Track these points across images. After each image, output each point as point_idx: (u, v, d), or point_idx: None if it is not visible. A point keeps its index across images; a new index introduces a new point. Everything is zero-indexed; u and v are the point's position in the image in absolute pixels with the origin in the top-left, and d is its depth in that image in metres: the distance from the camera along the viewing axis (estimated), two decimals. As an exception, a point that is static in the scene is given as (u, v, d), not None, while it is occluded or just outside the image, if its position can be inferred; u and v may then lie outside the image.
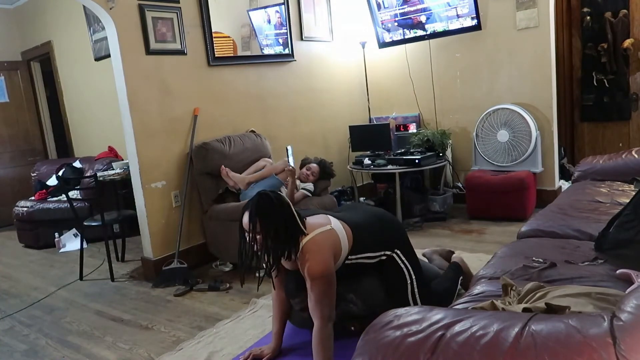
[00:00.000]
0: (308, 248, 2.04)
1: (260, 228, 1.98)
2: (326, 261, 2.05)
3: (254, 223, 1.97)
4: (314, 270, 2.01)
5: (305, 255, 2.04)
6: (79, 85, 5.67)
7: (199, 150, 3.66)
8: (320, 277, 2.01)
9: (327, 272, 2.03)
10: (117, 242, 4.21)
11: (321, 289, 2.02)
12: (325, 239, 2.09)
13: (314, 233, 2.09)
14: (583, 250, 1.97)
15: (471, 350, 0.99)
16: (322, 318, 2.03)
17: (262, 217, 1.98)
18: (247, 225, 2.00)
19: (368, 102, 5.17)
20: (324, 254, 2.06)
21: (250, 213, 1.98)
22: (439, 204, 4.40)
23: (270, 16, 4.43)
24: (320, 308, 2.02)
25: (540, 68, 4.17)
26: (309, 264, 2.01)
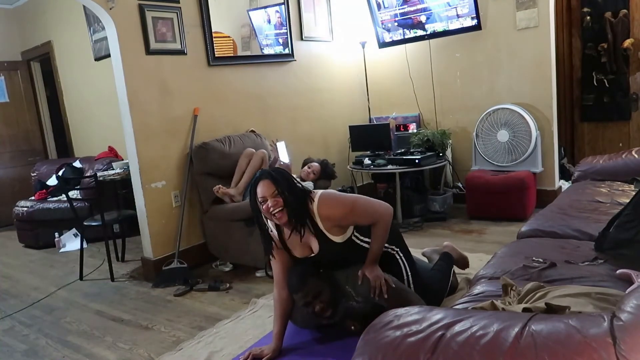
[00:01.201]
0: (324, 202, 2.19)
1: (282, 188, 2.14)
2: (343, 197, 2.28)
3: (277, 183, 2.14)
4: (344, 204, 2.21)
5: (330, 207, 2.19)
6: (79, 85, 5.67)
7: (199, 150, 3.66)
8: (352, 201, 2.23)
9: (348, 195, 2.32)
10: (117, 242, 4.21)
11: (361, 203, 2.24)
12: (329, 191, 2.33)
13: (318, 193, 2.25)
14: (583, 250, 1.97)
15: (471, 350, 0.99)
16: (382, 217, 2.25)
17: (282, 178, 2.17)
18: (269, 189, 2.14)
19: (368, 102, 5.17)
20: (335, 193, 2.33)
21: (271, 178, 2.16)
22: (439, 204, 4.40)
23: (270, 16, 4.43)
24: (377, 214, 2.24)
25: (540, 68, 4.17)
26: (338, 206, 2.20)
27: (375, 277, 2.18)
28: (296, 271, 2.29)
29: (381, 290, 2.16)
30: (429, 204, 4.43)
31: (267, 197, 2.14)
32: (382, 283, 2.18)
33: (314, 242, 2.26)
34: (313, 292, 2.22)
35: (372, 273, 2.20)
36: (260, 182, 2.17)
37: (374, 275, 2.19)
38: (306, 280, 2.23)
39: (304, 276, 2.25)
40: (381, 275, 2.20)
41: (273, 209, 2.13)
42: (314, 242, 2.26)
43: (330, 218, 2.20)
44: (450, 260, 2.72)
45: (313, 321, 2.36)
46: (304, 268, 2.32)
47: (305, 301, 2.24)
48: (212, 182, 3.66)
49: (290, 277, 2.29)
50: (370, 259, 2.25)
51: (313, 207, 2.19)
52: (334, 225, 2.22)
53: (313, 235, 2.24)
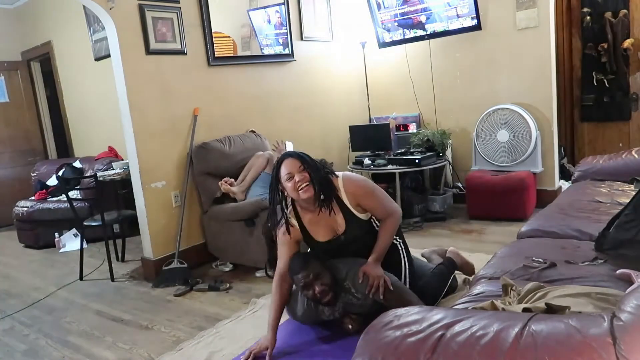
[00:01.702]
0: (349, 180, 2.30)
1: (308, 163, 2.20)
2: (364, 179, 2.41)
3: (302, 159, 2.20)
4: (367, 185, 2.35)
5: (354, 185, 2.30)
6: (79, 85, 5.67)
7: (199, 150, 3.66)
8: (374, 186, 2.37)
9: (373, 183, 2.43)
10: (117, 242, 4.21)
11: (380, 193, 2.35)
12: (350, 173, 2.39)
13: (341, 173, 2.34)
14: (583, 250, 1.97)
15: (471, 350, 0.99)
16: (394, 212, 2.35)
17: (306, 156, 2.25)
18: (295, 165, 2.19)
19: (368, 102, 5.17)
20: (360, 176, 2.42)
21: (297, 155, 2.23)
22: (439, 204, 4.40)
23: (270, 16, 4.43)
24: (391, 207, 2.34)
25: (540, 68, 4.17)
26: (362, 186, 2.32)
27: (375, 276, 2.19)
28: (299, 254, 2.34)
29: (377, 290, 2.16)
30: (429, 204, 4.43)
31: (294, 172, 2.18)
32: (381, 283, 2.17)
33: (340, 219, 2.30)
34: (314, 273, 2.22)
35: (373, 271, 2.21)
36: (285, 160, 2.22)
37: (374, 274, 2.20)
38: (308, 261, 2.26)
39: (306, 258, 2.29)
40: (381, 275, 2.20)
41: (300, 183, 2.17)
42: (340, 219, 2.30)
43: (354, 194, 2.28)
44: (453, 266, 2.69)
45: (314, 314, 2.34)
46: (305, 253, 2.37)
47: (306, 282, 2.22)
48: (212, 182, 3.66)
49: (292, 260, 2.30)
50: (375, 257, 2.26)
51: (338, 182, 2.29)
52: (356, 203, 2.29)
53: (340, 213, 2.29)
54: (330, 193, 2.25)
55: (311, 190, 2.18)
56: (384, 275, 2.20)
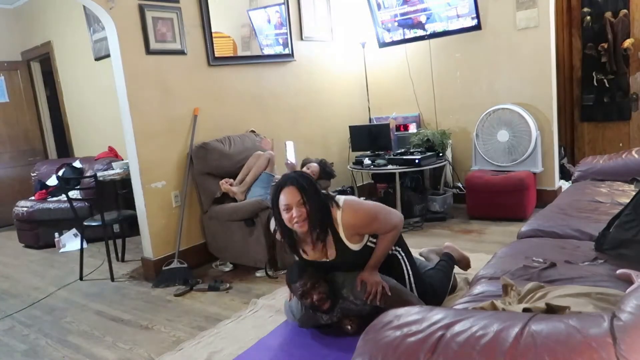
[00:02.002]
0: (349, 209, 2.19)
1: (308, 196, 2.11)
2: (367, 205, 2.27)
3: (303, 191, 2.10)
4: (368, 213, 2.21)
5: (355, 216, 2.18)
6: (79, 85, 5.67)
7: (199, 150, 3.66)
8: (375, 211, 2.22)
9: (371, 203, 2.30)
10: (117, 242, 4.21)
11: (383, 215, 2.23)
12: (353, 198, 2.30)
13: (342, 199, 2.23)
14: (583, 250, 1.97)
15: (471, 350, 0.99)
16: (396, 227, 2.27)
17: (308, 185, 2.13)
18: (294, 197, 2.10)
19: (368, 102, 5.17)
20: (360, 201, 2.31)
21: (298, 185, 2.11)
22: (439, 204, 4.40)
23: (270, 16, 4.43)
24: (392, 224, 2.25)
25: (540, 68, 4.17)
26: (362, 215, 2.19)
27: (373, 283, 2.19)
28: (296, 264, 2.33)
29: (376, 296, 2.17)
30: (429, 204, 4.43)
31: (292, 205, 2.10)
32: (379, 290, 2.18)
33: (331, 249, 2.25)
34: (311, 281, 2.23)
35: (370, 278, 2.21)
36: (286, 188, 2.12)
37: (372, 280, 2.20)
38: (305, 270, 2.25)
39: (303, 267, 2.28)
40: (379, 281, 2.20)
41: (297, 219, 2.10)
42: (331, 249, 2.25)
43: (353, 226, 2.18)
44: (452, 260, 2.72)
45: (312, 319, 2.35)
46: (301, 262, 2.35)
47: (303, 290, 2.24)
48: (212, 182, 3.66)
49: (290, 269, 2.31)
50: (372, 264, 2.25)
51: (337, 214, 2.17)
52: (354, 233, 2.21)
53: (332, 242, 2.23)
54: (326, 228, 2.16)
55: (306, 226, 2.12)
56: (381, 282, 2.21)
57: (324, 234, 2.17)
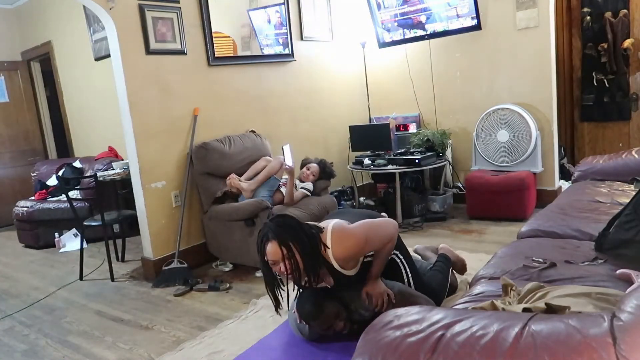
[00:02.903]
0: (337, 241, 2.09)
1: (292, 251, 2.00)
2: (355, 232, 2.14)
3: (285, 245, 2.00)
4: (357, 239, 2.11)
5: (344, 246, 2.10)
6: (79, 85, 5.67)
7: (199, 150, 3.66)
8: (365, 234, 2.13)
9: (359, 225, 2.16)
10: (117, 242, 4.21)
11: (374, 234, 2.15)
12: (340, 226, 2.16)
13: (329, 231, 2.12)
14: (583, 250, 1.97)
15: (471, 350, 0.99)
16: (391, 241, 2.22)
17: (290, 236, 2.02)
18: (277, 253, 2.00)
19: (368, 102, 5.17)
20: (346, 226, 2.16)
21: (279, 240, 2.00)
22: (439, 204, 4.40)
23: (270, 16, 4.43)
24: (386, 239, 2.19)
25: (540, 68, 4.17)
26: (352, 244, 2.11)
27: (378, 295, 2.19)
28: (307, 298, 2.25)
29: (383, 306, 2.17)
30: (429, 204, 4.43)
31: (278, 260, 2.04)
32: (385, 300, 2.18)
33: (328, 278, 2.24)
34: (333, 314, 2.22)
35: (374, 290, 2.20)
36: (268, 244, 2.04)
37: (376, 292, 2.19)
38: (322, 305, 2.20)
39: (318, 302, 2.22)
40: (383, 291, 2.19)
41: (286, 272, 2.04)
42: (328, 278, 2.23)
43: (345, 257, 2.14)
44: (448, 260, 2.71)
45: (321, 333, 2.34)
46: (312, 293, 2.29)
47: (329, 324, 2.23)
48: (212, 182, 3.66)
49: (302, 305, 2.24)
50: (373, 275, 2.23)
51: (328, 252, 2.11)
52: (348, 261, 2.18)
53: (328, 276, 2.21)
54: (317, 270, 2.08)
55: (295, 276, 2.06)
56: (386, 290, 2.20)
57: (316, 276, 2.08)
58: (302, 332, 2.34)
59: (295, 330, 2.39)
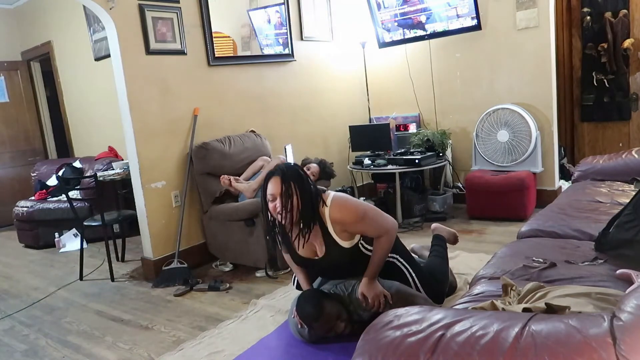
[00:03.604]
0: (337, 205, 2.17)
1: (291, 189, 2.09)
2: (355, 199, 2.25)
3: (286, 183, 2.09)
4: (357, 211, 2.17)
5: (342, 211, 2.16)
6: (79, 85, 5.67)
7: (199, 150, 3.66)
8: (364, 210, 2.18)
9: (362, 203, 2.26)
10: (117, 242, 4.21)
11: (372, 215, 2.20)
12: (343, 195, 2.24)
13: (331, 195, 2.21)
14: (583, 250, 1.97)
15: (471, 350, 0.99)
16: (388, 232, 2.21)
17: (294, 179, 2.11)
18: (277, 187, 2.09)
19: (368, 102, 5.17)
20: (350, 198, 2.25)
21: (283, 176, 2.10)
22: (439, 204, 4.40)
23: (270, 16, 4.43)
24: (384, 227, 2.20)
25: (540, 68, 4.17)
26: (350, 212, 2.16)
27: (374, 296, 2.18)
28: (307, 300, 2.24)
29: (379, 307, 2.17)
30: (429, 204, 4.43)
31: (276, 195, 2.10)
32: (382, 301, 2.17)
33: (320, 246, 2.24)
34: (334, 315, 2.22)
35: (370, 291, 2.19)
36: (272, 178, 2.13)
37: (372, 293, 2.19)
38: (322, 306, 2.19)
39: (318, 302, 2.21)
40: (379, 292, 2.19)
41: (279, 209, 2.10)
42: (320, 245, 2.23)
43: (341, 222, 2.16)
44: (443, 240, 2.74)
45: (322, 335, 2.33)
46: (312, 293, 2.29)
47: (330, 326, 2.23)
48: (212, 182, 3.66)
49: (302, 307, 2.23)
50: (369, 275, 2.22)
51: (325, 210, 2.16)
52: (342, 230, 2.19)
53: (320, 239, 2.21)
54: (309, 222, 2.14)
55: (288, 218, 2.10)
56: (382, 292, 2.19)
57: (306, 229, 2.14)
58: (303, 335, 2.33)
59: (296, 333, 2.38)
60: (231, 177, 3.59)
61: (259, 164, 3.74)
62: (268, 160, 3.74)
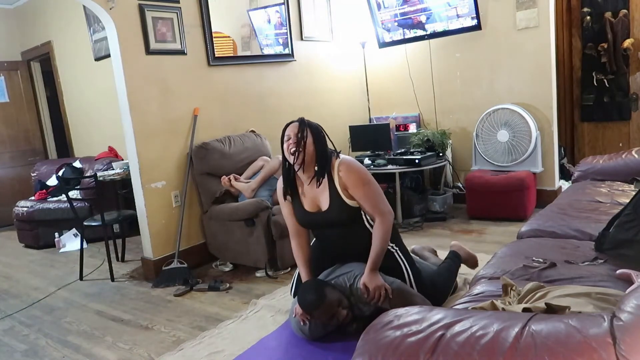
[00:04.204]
0: (346, 164, 2.31)
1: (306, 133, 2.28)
2: (365, 168, 2.35)
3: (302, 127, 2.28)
4: (363, 175, 2.29)
5: (349, 170, 2.29)
6: (79, 85, 5.67)
7: (199, 150, 3.66)
8: (369, 179, 2.30)
9: (370, 175, 2.34)
10: (117, 242, 4.21)
11: (374, 189, 2.31)
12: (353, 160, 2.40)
13: (342, 156, 2.37)
14: (583, 250, 1.97)
15: (471, 350, 0.99)
16: (384, 214, 2.29)
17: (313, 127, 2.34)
18: (295, 129, 2.28)
19: (368, 102, 5.17)
20: (361, 165, 2.37)
21: (302, 122, 2.32)
22: (439, 204, 4.40)
23: (270, 16, 4.43)
24: (380, 206, 2.30)
25: (540, 68, 4.17)
26: (356, 173, 2.28)
27: (375, 287, 2.19)
28: (307, 289, 2.27)
29: (379, 299, 2.18)
30: (429, 204, 4.43)
31: (292, 135, 2.28)
32: (382, 293, 2.19)
33: (325, 198, 2.32)
34: (336, 301, 2.23)
35: (372, 283, 2.21)
36: (291, 124, 2.32)
37: (374, 285, 2.20)
38: (323, 294, 2.21)
39: (319, 289, 2.23)
40: (381, 285, 2.20)
41: (292, 146, 2.25)
42: (325, 197, 2.32)
43: (346, 179, 2.28)
44: (459, 259, 2.71)
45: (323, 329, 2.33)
46: (313, 282, 2.32)
47: (332, 313, 2.23)
48: (212, 182, 3.66)
49: (304, 297, 2.25)
50: (371, 266, 2.24)
51: (335, 163, 2.32)
52: (345, 188, 2.29)
53: (327, 193, 2.31)
54: (322, 168, 2.29)
55: (300, 158, 2.25)
56: (384, 284, 2.21)
57: (319, 173, 2.29)
58: (304, 332, 2.33)
59: (297, 330, 2.38)
60: (231, 175, 3.60)
61: (259, 164, 3.74)
62: (268, 160, 3.74)
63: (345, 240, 2.40)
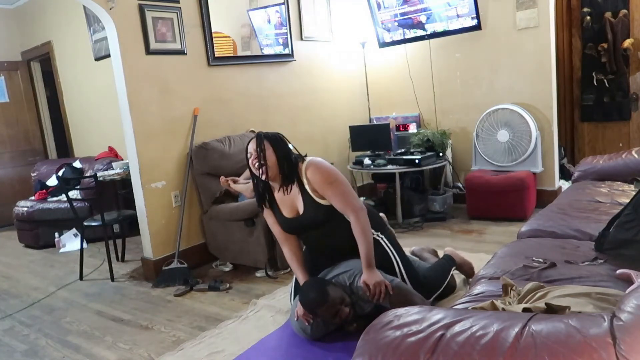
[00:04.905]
0: (312, 166, 2.33)
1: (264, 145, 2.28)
2: (333, 167, 2.38)
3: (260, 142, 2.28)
4: (328, 175, 2.31)
5: (314, 172, 2.31)
6: (79, 85, 5.67)
7: (199, 150, 3.66)
8: (336, 178, 2.31)
9: (338, 173, 2.36)
10: (117, 242, 4.21)
11: (341, 188, 2.31)
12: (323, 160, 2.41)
13: (309, 158, 2.39)
14: (583, 250, 1.97)
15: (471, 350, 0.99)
16: (355, 211, 2.29)
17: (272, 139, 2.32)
18: (254, 145, 2.29)
19: (368, 102, 5.17)
20: (327, 164, 2.38)
21: (258, 136, 2.31)
22: (439, 204, 4.40)
23: (270, 16, 4.43)
24: (350, 204, 2.30)
25: (540, 68, 4.17)
26: (321, 174, 2.31)
27: (375, 284, 2.20)
28: (309, 288, 2.28)
29: (379, 296, 2.18)
30: (429, 204, 4.43)
31: (252, 151, 2.31)
32: (382, 290, 2.19)
33: (299, 202, 2.36)
34: (338, 299, 2.23)
35: (372, 280, 2.22)
36: (251, 141, 2.33)
37: (373, 281, 2.21)
38: (326, 291, 2.22)
39: (321, 287, 2.24)
40: (381, 281, 2.21)
41: (255, 161, 2.29)
42: (299, 201, 2.35)
43: (313, 181, 2.31)
44: (453, 261, 2.72)
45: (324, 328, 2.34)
46: (315, 280, 2.34)
47: (335, 310, 2.23)
48: (212, 182, 3.66)
49: (306, 294, 2.26)
50: (366, 263, 2.25)
51: (302, 167, 2.35)
52: (314, 189, 2.32)
53: (300, 198, 2.34)
54: (289, 176, 2.33)
55: (264, 173, 2.28)
56: (384, 280, 2.21)
57: (288, 181, 2.33)
58: (305, 332, 2.34)
59: (298, 330, 2.38)
60: (230, 178, 3.59)
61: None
62: None
63: (331, 238, 2.42)
